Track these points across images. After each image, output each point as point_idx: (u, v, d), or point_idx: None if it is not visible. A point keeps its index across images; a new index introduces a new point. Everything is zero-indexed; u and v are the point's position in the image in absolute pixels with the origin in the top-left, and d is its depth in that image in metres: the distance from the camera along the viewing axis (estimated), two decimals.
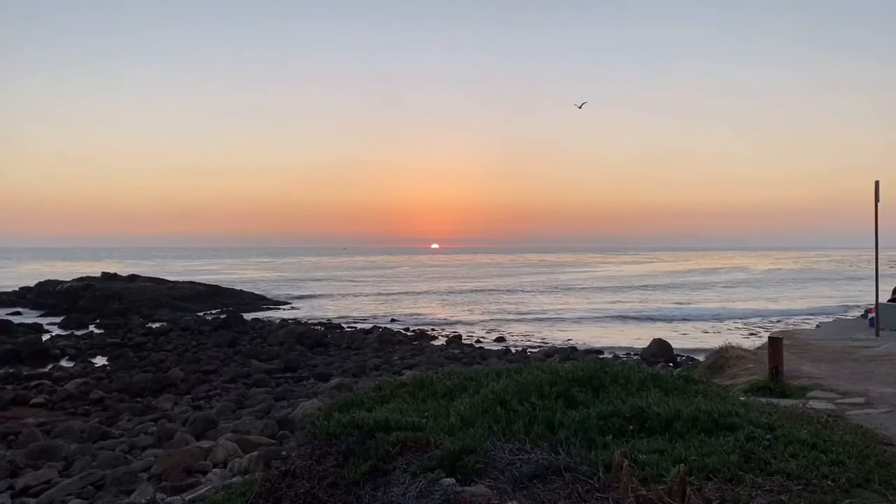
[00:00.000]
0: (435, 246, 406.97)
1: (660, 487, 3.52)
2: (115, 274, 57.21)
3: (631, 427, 4.59)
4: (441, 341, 34.55)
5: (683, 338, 34.99)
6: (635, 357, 27.02)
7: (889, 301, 19.17)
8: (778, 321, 41.90)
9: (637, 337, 35.22)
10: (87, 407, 19.43)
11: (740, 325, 40.50)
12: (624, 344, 33.16)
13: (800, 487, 3.68)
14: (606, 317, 45.62)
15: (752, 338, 33.05)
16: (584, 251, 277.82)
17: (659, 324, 41.69)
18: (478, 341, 34.69)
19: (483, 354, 28.97)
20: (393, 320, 44.27)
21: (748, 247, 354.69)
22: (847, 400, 7.97)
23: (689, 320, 43.31)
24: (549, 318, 45.13)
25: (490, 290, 70.96)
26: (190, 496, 9.76)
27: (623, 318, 45.12)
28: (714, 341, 27.95)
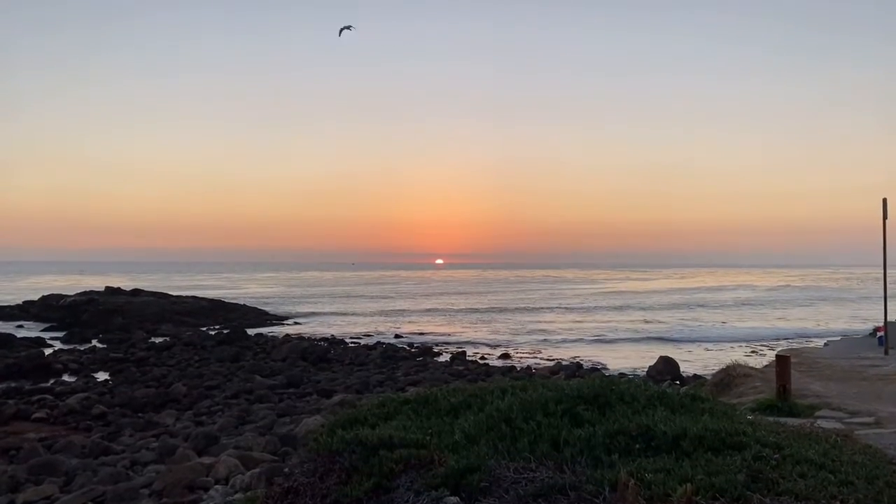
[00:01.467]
0: (439, 261, 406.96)
1: None
2: (119, 288, 57.37)
3: (637, 446, 4.57)
4: (445, 358, 34.49)
5: (690, 356, 34.82)
6: (641, 375, 26.89)
7: None
8: (785, 339, 41.67)
9: (643, 354, 35.07)
10: (88, 422, 19.41)
11: (747, 344, 40.29)
12: (630, 361, 33.02)
13: None
14: (612, 334, 45.46)
15: (759, 356, 32.83)
16: (589, 267, 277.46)
17: (665, 341, 41.51)
18: (482, 358, 34.60)
19: (487, 371, 28.89)
20: (397, 336, 44.21)
21: (755, 264, 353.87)
22: (856, 419, 7.93)
23: (695, 338, 43.11)
24: (554, 335, 44.99)
25: (494, 307, 70.83)
26: None
27: (629, 335, 44.95)
28: (721, 359, 27.79)
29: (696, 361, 32.41)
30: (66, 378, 27.72)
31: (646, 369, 28.42)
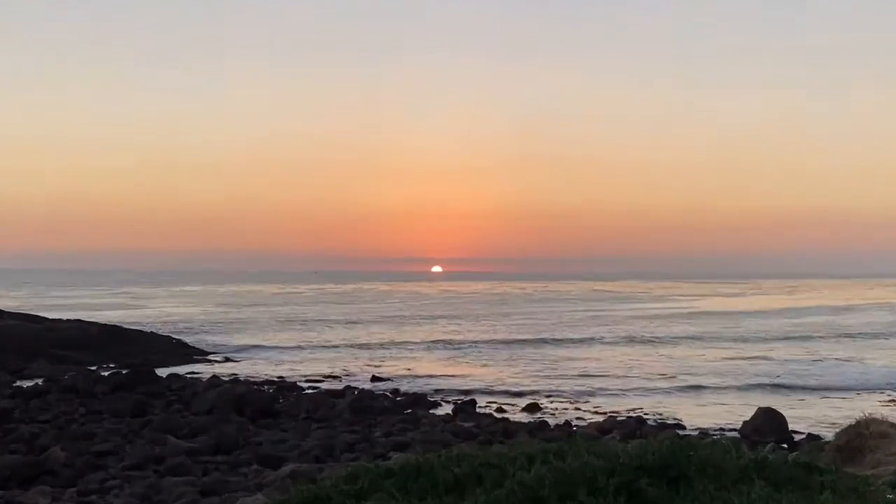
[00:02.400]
0: (437, 269, 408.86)
1: None
2: None
3: None
4: (446, 410, 34.60)
5: (801, 406, 34.92)
6: (732, 434, 26.94)
7: None
8: None
9: (734, 405, 35.18)
10: None
11: (886, 391, 40.32)
12: (715, 415, 33.12)
13: None
14: (689, 376, 45.45)
15: None
16: (654, 277, 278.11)
17: (766, 387, 41.52)
18: (499, 410, 34.66)
19: (507, 430, 28.92)
20: (375, 379, 44.26)
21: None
22: None
23: (810, 383, 43.10)
24: (603, 378, 45.02)
25: (515, 336, 70.91)
26: None
27: (713, 378, 44.93)
28: (848, 412, 27.80)
29: (810, 415, 32.46)
30: None
31: (738, 426, 28.51)
